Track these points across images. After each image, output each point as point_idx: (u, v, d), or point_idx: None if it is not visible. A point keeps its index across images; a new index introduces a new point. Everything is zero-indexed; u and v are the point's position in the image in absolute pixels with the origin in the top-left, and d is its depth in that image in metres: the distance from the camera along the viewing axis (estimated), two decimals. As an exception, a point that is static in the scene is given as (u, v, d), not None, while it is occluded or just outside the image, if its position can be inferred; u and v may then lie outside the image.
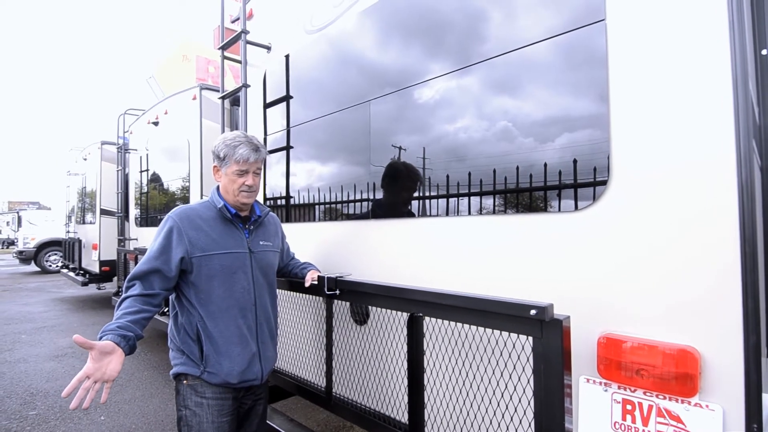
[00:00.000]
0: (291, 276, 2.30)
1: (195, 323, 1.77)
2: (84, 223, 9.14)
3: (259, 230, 1.98)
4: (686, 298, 1.26)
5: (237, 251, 1.85)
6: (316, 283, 2.11)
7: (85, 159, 9.13)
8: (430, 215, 1.98)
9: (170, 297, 1.86)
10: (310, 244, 2.66)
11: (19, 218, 17.01)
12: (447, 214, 1.91)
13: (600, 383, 1.41)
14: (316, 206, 2.63)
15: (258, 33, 3.04)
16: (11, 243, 25.13)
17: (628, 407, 1.35)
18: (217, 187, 1.93)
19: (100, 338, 1.51)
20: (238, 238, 1.88)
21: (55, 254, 14.91)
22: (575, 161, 1.51)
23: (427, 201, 2.00)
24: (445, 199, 1.92)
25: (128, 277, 1.72)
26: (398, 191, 2.16)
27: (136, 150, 6.33)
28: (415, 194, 2.05)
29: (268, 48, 3.01)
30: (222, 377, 1.75)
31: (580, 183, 1.50)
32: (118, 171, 7.26)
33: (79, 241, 9.21)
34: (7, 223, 29.03)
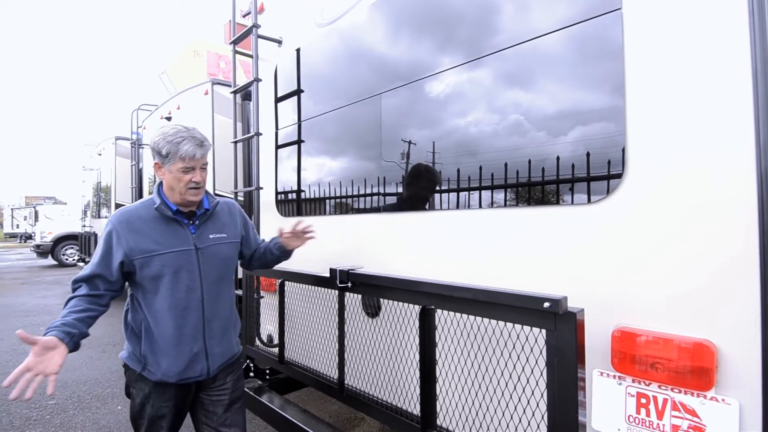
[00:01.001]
0: (265, 258, 2.19)
1: (140, 322, 1.79)
2: (99, 217, 9.29)
3: (209, 223, 1.90)
4: (702, 291, 1.24)
5: (180, 249, 1.79)
6: (288, 234, 2.08)
7: (99, 154, 9.27)
8: (441, 208, 1.97)
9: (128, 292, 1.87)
10: (322, 237, 2.67)
11: (36, 213, 17.34)
12: (458, 207, 1.90)
13: (614, 377, 1.40)
14: (327, 200, 2.64)
15: (269, 27, 3.05)
16: (29, 237, 25.63)
17: (643, 401, 1.35)
18: (160, 184, 1.86)
19: (45, 334, 1.54)
20: (182, 236, 1.81)
21: (72, 248, 15.19)
22: (588, 154, 1.49)
23: (438, 194, 2.00)
24: (456, 193, 1.91)
25: (74, 278, 1.75)
26: (412, 185, 2.15)
27: (149, 145, 6.39)
28: (428, 188, 2.05)
29: (279, 42, 3.01)
30: (159, 376, 1.78)
31: (593, 176, 1.48)
32: (132, 166, 7.35)
33: (95, 235, 9.37)
34: (25, 217, 29.59)
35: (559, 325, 1.29)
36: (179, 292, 1.77)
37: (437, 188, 2.00)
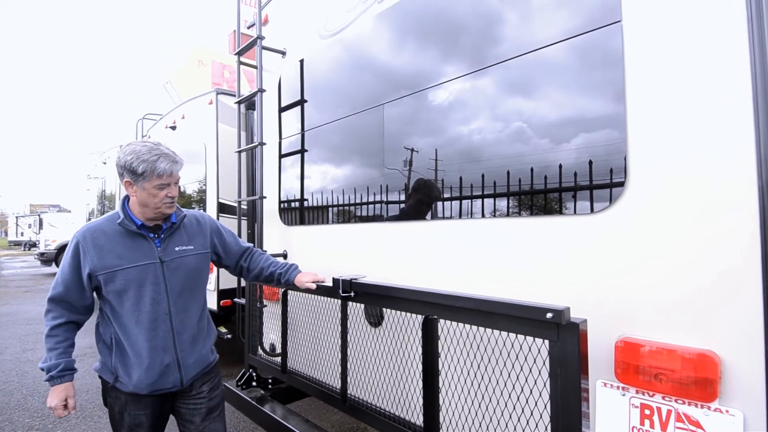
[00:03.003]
0: (266, 278, 2.17)
1: (110, 335, 1.82)
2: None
3: (175, 236, 1.91)
4: (706, 301, 1.24)
5: (144, 263, 1.80)
6: (313, 287, 2.08)
7: (104, 163, 9.33)
8: (443, 218, 1.98)
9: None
10: (324, 246, 2.68)
11: (41, 221, 17.45)
12: (460, 216, 1.91)
13: (617, 387, 1.40)
14: (330, 208, 2.66)
15: (273, 38, 3.08)
16: (33, 245, 25.73)
17: (647, 412, 1.34)
18: (125, 200, 1.87)
19: (61, 375, 1.80)
20: (147, 250, 1.82)
21: (75, 256, 15.20)
22: (590, 162, 1.50)
23: (441, 203, 2.00)
24: (458, 202, 1.92)
25: (49, 296, 1.78)
26: (414, 195, 2.16)
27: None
28: (430, 198, 2.06)
29: (283, 53, 3.04)
30: (131, 388, 1.80)
31: (596, 185, 1.49)
32: (136, 174, 7.36)
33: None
34: (29, 225, 29.76)
35: (562, 335, 1.29)
36: (144, 306, 1.79)
37: (439, 198, 2.01)
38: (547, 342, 1.35)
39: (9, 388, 4.55)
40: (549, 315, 1.29)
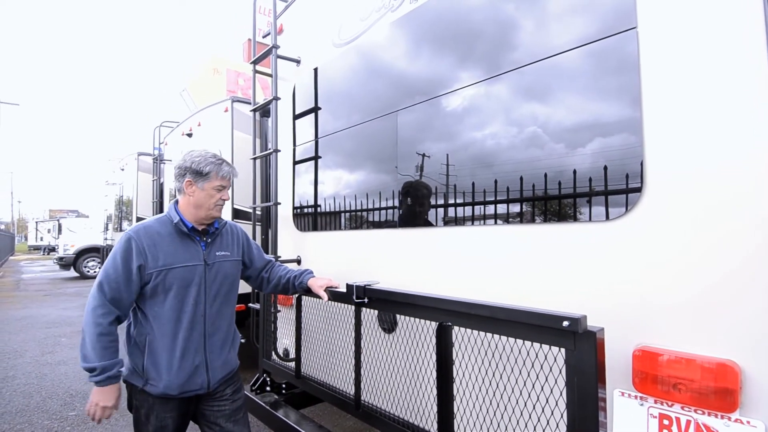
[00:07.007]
0: (283, 286, 2.24)
1: (145, 335, 1.85)
2: (121, 230, 9.50)
3: (216, 241, 2.02)
4: (726, 310, 1.22)
5: (192, 264, 1.90)
6: (324, 294, 2.10)
7: (122, 169, 9.52)
8: (457, 224, 1.98)
9: None
10: (338, 252, 2.69)
11: (60, 226, 17.78)
12: (473, 223, 1.91)
13: (635, 397, 1.38)
14: (343, 214, 2.67)
15: (287, 47, 3.13)
16: (52, 249, 26.24)
17: (665, 422, 1.32)
18: (175, 203, 1.97)
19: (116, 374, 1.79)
20: (195, 251, 1.93)
21: (94, 260, 15.51)
22: (606, 168, 1.49)
23: (454, 209, 2.01)
24: (471, 208, 1.92)
25: (95, 288, 1.77)
26: (426, 201, 2.17)
27: (171, 160, 6.55)
28: (438, 203, 2.06)
29: (298, 61, 3.09)
30: (161, 389, 1.84)
31: (611, 191, 1.48)
32: (153, 180, 7.53)
33: (116, 248, 9.55)
34: (48, 230, 30.38)
35: (579, 344, 1.28)
36: (187, 306, 1.87)
37: (452, 204, 2.01)
38: (563, 350, 1.34)
39: (29, 390, 4.64)
40: (566, 323, 1.28)
